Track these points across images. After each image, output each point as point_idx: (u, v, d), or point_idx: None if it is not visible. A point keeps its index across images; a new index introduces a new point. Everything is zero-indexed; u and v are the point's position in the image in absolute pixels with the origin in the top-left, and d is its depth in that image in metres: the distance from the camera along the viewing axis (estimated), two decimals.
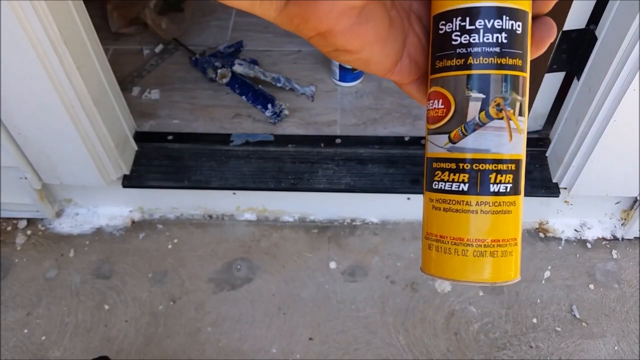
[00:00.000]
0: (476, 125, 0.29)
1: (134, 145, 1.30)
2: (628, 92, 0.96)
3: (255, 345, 1.16)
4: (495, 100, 0.28)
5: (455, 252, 0.29)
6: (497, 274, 0.29)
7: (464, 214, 0.29)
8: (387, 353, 1.15)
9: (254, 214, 1.36)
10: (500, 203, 0.29)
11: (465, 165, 0.29)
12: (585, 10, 1.02)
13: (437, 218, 0.30)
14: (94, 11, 1.49)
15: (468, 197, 0.29)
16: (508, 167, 0.29)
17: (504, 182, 0.29)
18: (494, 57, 0.28)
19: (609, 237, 1.31)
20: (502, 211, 0.29)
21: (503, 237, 0.29)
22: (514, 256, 0.30)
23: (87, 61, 1.07)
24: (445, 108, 0.29)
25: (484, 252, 0.29)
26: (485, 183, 0.29)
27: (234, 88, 1.43)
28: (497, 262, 0.29)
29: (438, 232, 0.30)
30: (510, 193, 0.29)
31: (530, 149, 1.27)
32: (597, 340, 1.16)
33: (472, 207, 0.29)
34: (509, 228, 0.29)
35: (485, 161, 0.29)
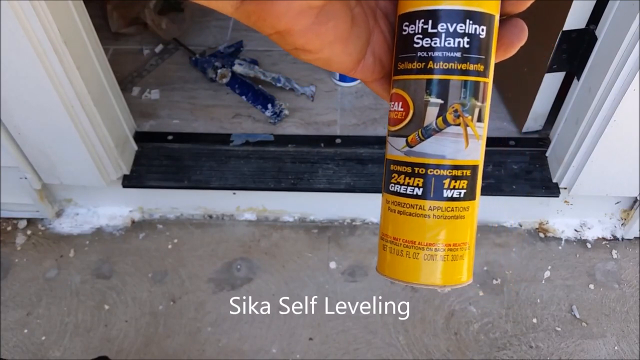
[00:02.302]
0: (433, 130, 0.29)
1: (134, 145, 1.30)
2: (628, 92, 0.96)
3: (255, 345, 1.16)
4: (453, 107, 0.28)
5: (407, 254, 0.30)
6: (447, 278, 0.30)
7: (417, 218, 0.29)
8: (387, 353, 1.15)
9: (254, 214, 1.36)
10: (453, 208, 0.29)
11: (421, 170, 0.29)
12: (585, 10, 1.02)
13: (392, 220, 0.30)
14: (94, 11, 1.49)
15: (422, 202, 0.29)
16: (463, 173, 0.29)
17: (458, 187, 0.29)
18: (455, 62, 0.28)
19: (609, 237, 1.31)
20: (455, 216, 0.29)
21: (455, 242, 0.30)
22: (465, 259, 0.30)
23: (87, 61, 1.07)
24: (404, 111, 0.29)
25: (435, 255, 0.29)
26: (439, 188, 0.29)
27: (234, 88, 1.43)
28: (448, 265, 0.30)
29: (392, 234, 0.30)
30: (465, 199, 0.29)
31: (530, 149, 1.27)
32: (597, 340, 1.16)
33: (425, 212, 0.29)
34: (461, 233, 0.30)
35: (441, 167, 0.29)
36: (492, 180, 1.23)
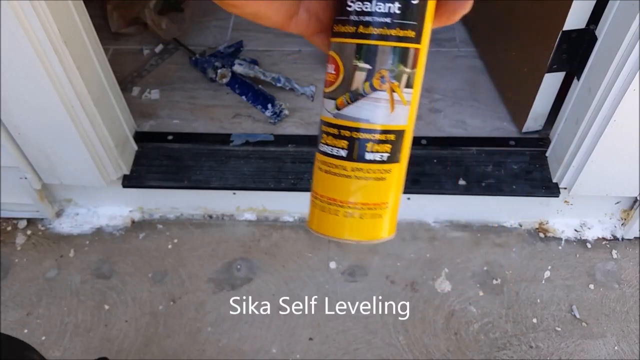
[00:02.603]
0: (360, 95, 0.29)
1: (134, 145, 1.30)
2: (628, 92, 0.96)
3: (255, 345, 1.16)
4: (380, 72, 0.29)
5: (329, 211, 0.31)
6: (366, 234, 0.32)
7: (340, 178, 0.31)
8: (387, 353, 1.15)
9: (254, 214, 1.36)
10: (374, 171, 0.30)
11: (346, 132, 0.30)
12: (585, 10, 1.03)
13: (319, 178, 0.32)
14: (94, 11, 1.49)
15: (345, 163, 0.30)
16: (386, 137, 0.30)
17: (381, 151, 0.30)
18: (384, 27, 0.28)
19: (609, 237, 1.31)
20: (376, 178, 0.31)
21: (374, 202, 0.31)
22: (384, 218, 0.32)
23: (87, 61, 1.07)
24: (336, 74, 0.30)
25: (353, 213, 0.31)
26: (362, 151, 0.30)
27: (234, 88, 1.43)
28: (366, 223, 0.31)
29: (319, 191, 0.32)
30: (387, 162, 0.31)
31: (530, 149, 1.27)
32: (597, 340, 1.16)
33: (348, 172, 0.30)
34: (381, 193, 0.31)
35: (364, 130, 0.30)
36: (492, 180, 1.23)
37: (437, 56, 1.50)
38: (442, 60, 1.49)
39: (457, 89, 1.42)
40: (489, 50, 1.45)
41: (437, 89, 1.43)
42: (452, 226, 1.34)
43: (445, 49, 1.52)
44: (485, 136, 1.31)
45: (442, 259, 1.28)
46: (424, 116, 1.37)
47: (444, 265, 1.27)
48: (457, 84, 1.43)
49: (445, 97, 1.41)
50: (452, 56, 1.50)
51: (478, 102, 1.39)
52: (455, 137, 1.32)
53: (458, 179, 1.24)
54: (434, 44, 1.52)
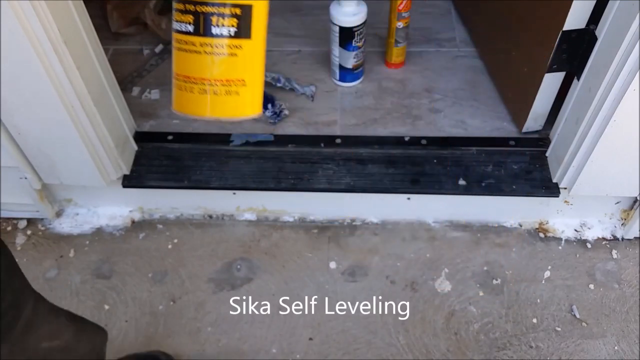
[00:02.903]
0: None
1: (134, 145, 1.30)
2: (628, 92, 0.96)
3: (255, 345, 1.17)
4: None
5: (185, 89, 0.32)
6: (224, 111, 0.32)
7: (190, 54, 0.31)
8: (387, 353, 1.15)
9: (254, 214, 1.36)
10: (223, 45, 0.30)
11: (190, 6, 0.30)
12: (585, 10, 1.02)
13: (175, 57, 0.32)
14: (94, 11, 1.49)
15: (192, 38, 0.30)
16: (232, 11, 0.29)
17: (227, 25, 0.30)
18: None
19: (609, 237, 1.31)
20: (226, 53, 0.30)
21: (227, 78, 0.31)
22: (242, 95, 0.31)
23: (87, 61, 1.07)
24: None
25: (207, 90, 0.31)
26: (207, 25, 0.29)
27: None
28: (222, 100, 0.31)
29: (175, 70, 0.32)
30: (235, 37, 0.30)
31: (530, 149, 1.27)
32: (597, 340, 1.16)
33: (197, 48, 0.30)
34: (235, 69, 0.30)
35: (207, 4, 0.29)
36: (492, 180, 1.23)
37: (437, 56, 1.50)
38: (442, 60, 1.49)
39: (457, 89, 1.42)
40: (489, 51, 1.45)
41: (437, 89, 1.43)
42: (452, 226, 1.34)
43: (445, 49, 1.52)
44: (485, 136, 1.31)
45: (442, 259, 1.28)
46: (423, 116, 1.37)
47: (444, 265, 1.27)
48: (457, 84, 1.43)
49: (445, 97, 1.41)
50: (452, 56, 1.50)
51: (478, 102, 1.39)
52: (455, 137, 1.32)
53: (458, 179, 1.24)
54: (433, 44, 1.53)
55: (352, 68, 1.39)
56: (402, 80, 1.46)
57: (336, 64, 1.40)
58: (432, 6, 1.63)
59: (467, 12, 1.57)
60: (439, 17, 1.60)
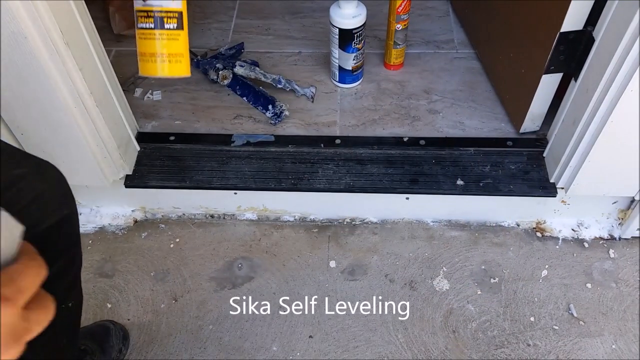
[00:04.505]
0: None
1: (136, 145, 1.31)
2: (625, 93, 0.97)
3: (256, 343, 1.18)
4: None
5: (150, 61, 0.53)
6: (172, 71, 0.53)
7: (152, 40, 0.52)
8: (386, 351, 1.16)
9: (254, 213, 1.38)
10: (171, 34, 0.52)
11: (151, 13, 0.51)
12: (583, 11, 1.03)
13: (141, 44, 0.52)
14: (96, 13, 1.51)
15: (153, 31, 0.52)
16: (174, 15, 0.52)
17: (172, 22, 0.52)
18: None
19: (606, 236, 1.32)
20: (173, 38, 0.52)
21: (174, 52, 0.53)
22: (182, 62, 0.54)
23: (90, 62, 1.08)
24: None
25: (164, 59, 0.53)
26: (161, 22, 0.51)
27: (235, 89, 1.44)
28: (172, 65, 0.53)
29: (141, 50, 0.53)
30: (176, 29, 0.52)
31: (527, 150, 1.29)
32: (594, 338, 1.17)
33: (156, 36, 0.52)
34: (177, 48, 0.53)
35: (161, 12, 0.51)
36: (489, 180, 1.25)
37: (435, 58, 1.51)
38: (440, 62, 1.50)
39: (455, 90, 1.44)
40: (487, 52, 1.46)
41: (435, 90, 1.44)
42: (451, 226, 1.35)
43: (443, 50, 1.53)
44: (483, 137, 1.33)
45: (440, 258, 1.29)
46: (422, 117, 1.38)
47: (442, 264, 1.28)
48: (455, 85, 1.45)
49: (443, 98, 1.42)
50: (450, 58, 1.51)
51: (476, 103, 1.40)
52: (454, 138, 1.33)
53: (456, 179, 1.25)
54: (432, 46, 1.54)
55: (352, 69, 1.41)
56: (401, 81, 1.47)
57: (336, 66, 1.41)
58: (431, 8, 1.65)
59: (465, 14, 1.58)
60: (438, 19, 1.62)
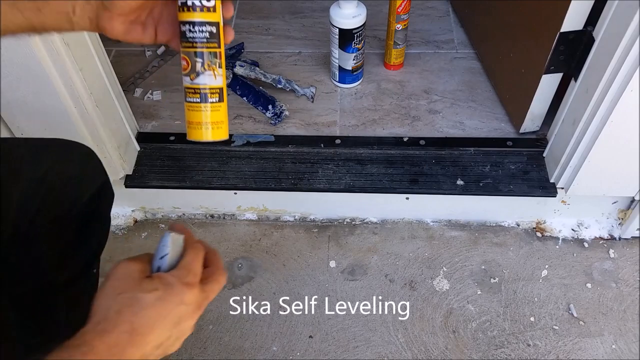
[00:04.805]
0: (200, 73, 0.58)
1: (136, 145, 1.32)
2: (625, 93, 0.97)
3: (256, 343, 1.18)
4: (207, 62, 0.58)
5: (197, 128, 0.60)
6: (215, 135, 0.60)
7: (199, 112, 0.59)
8: (386, 351, 1.16)
9: (254, 213, 1.38)
10: (214, 107, 0.60)
11: (198, 89, 0.58)
12: (583, 11, 1.03)
13: (189, 114, 0.60)
14: None
15: (200, 104, 0.59)
16: (216, 90, 0.59)
17: (214, 97, 0.59)
18: (204, 42, 0.57)
19: (606, 236, 1.32)
20: (215, 109, 0.60)
21: (216, 120, 0.60)
22: (223, 129, 0.61)
23: (90, 62, 1.09)
24: (187, 65, 0.58)
25: (208, 127, 0.60)
26: (206, 97, 0.59)
27: (235, 89, 1.44)
28: (214, 131, 0.60)
29: (189, 119, 0.60)
30: (218, 102, 0.60)
31: (527, 150, 1.29)
32: (594, 338, 1.17)
33: (202, 108, 0.59)
34: (220, 117, 0.60)
35: (205, 89, 0.58)
36: (489, 180, 1.25)
37: (435, 58, 1.51)
38: (440, 62, 1.50)
39: (455, 90, 1.44)
40: (487, 52, 1.46)
41: (435, 90, 1.44)
42: (451, 225, 1.35)
43: (443, 50, 1.53)
44: (483, 137, 1.33)
45: (440, 258, 1.29)
46: (422, 117, 1.38)
47: (442, 264, 1.28)
48: (455, 85, 1.45)
49: (443, 98, 1.42)
50: (450, 58, 1.51)
51: (476, 103, 1.40)
52: (453, 138, 1.33)
53: (456, 179, 1.25)
54: (432, 46, 1.54)
55: (352, 69, 1.41)
56: (401, 81, 1.47)
57: (336, 66, 1.41)
58: (431, 8, 1.65)
59: (465, 14, 1.58)
60: (438, 19, 1.62)
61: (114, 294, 0.47)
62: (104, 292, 0.47)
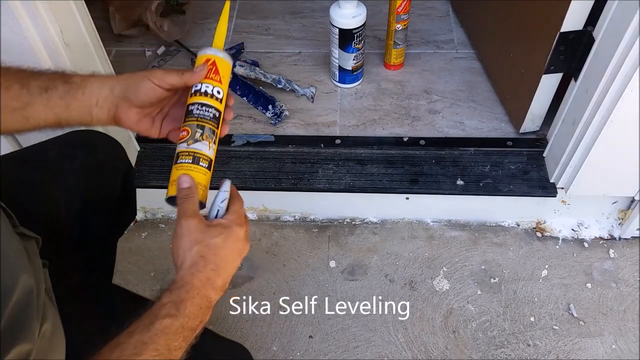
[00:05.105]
0: (197, 140, 0.64)
1: (136, 145, 1.32)
2: (625, 93, 0.97)
3: (256, 343, 1.18)
4: (204, 134, 0.64)
5: None
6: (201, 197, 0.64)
7: (190, 171, 0.63)
8: (386, 351, 1.16)
9: (254, 213, 1.38)
10: (203, 171, 0.64)
11: (192, 153, 0.63)
12: (583, 11, 1.03)
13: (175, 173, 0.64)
14: (97, 13, 1.51)
15: (191, 165, 0.63)
16: (208, 159, 0.64)
17: (204, 162, 0.64)
18: (207, 119, 0.65)
19: (606, 236, 1.32)
20: (204, 173, 0.64)
21: (202, 183, 0.63)
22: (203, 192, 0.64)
23: (90, 63, 1.09)
24: (187, 134, 0.64)
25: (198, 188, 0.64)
26: (198, 161, 0.63)
27: (235, 89, 1.44)
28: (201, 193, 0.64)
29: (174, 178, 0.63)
30: (207, 168, 0.64)
31: (527, 150, 1.29)
32: (594, 338, 1.17)
33: (192, 169, 0.63)
34: (205, 181, 0.64)
35: (199, 153, 0.63)
36: (489, 180, 1.25)
37: (435, 58, 1.51)
38: (440, 62, 1.50)
39: (455, 90, 1.44)
40: (487, 52, 1.46)
41: (435, 90, 1.44)
42: (451, 225, 1.35)
43: (443, 50, 1.53)
44: (483, 137, 1.33)
45: (440, 258, 1.30)
46: (422, 117, 1.38)
47: (442, 264, 1.28)
48: (455, 85, 1.45)
49: (443, 98, 1.42)
50: (451, 58, 1.51)
51: (476, 103, 1.40)
52: (454, 138, 1.33)
53: (456, 179, 1.25)
54: (432, 46, 1.54)
55: (352, 69, 1.41)
56: (401, 81, 1.47)
57: (336, 66, 1.41)
58: (431, 8, 1.65)
59: (465, 14, 1.58)
60: (438, 19, 1.62)
61: (193, 245, 0.60)
62: (182, 246, 0.60)
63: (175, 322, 0.55)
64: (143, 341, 0.52)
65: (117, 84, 0.63)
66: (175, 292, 0.57)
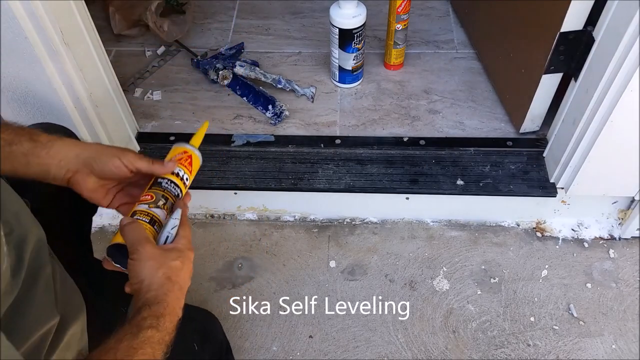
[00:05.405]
0: (158, 206, 0.69)
1: (136, 145, 1.32)
2: (625, 93, 0.97)
3: (256, 343, 1.18)
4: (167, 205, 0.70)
5: None
6: None
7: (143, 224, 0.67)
8: (386, 351, 1.16)
9: (254, 213, 1.38)
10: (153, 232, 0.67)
11: (151, 215, 0.68)
12: (583, 11, 1.03)
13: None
14: (96, 13, 1.51)
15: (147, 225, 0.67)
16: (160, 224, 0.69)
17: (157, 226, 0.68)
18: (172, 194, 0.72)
19: (606, 236, 1.32)
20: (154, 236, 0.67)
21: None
22: None
23: (90, 63, 1.09)
24: (150, 199, 0.69)
25: None
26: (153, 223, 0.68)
27: (235, 89, 1.44)
28: None
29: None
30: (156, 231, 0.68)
31: (527, 150, 1.29)
32: (594, 338, 1.17)
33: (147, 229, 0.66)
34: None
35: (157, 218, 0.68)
36: (489, 180, 1.25)
37: (435, 58, 1.51)
38: (440, 62, 1.50)
39: (455, 90, 1.44)
40: (487, 52, 1.46)
41: (435, 90, 1.44)
42: (451, 225, 1.35)
43: (443, 50, 1.53)
44: (483, 137, 1.33)
45: (440, 258, 1.30)
46: (422, 117, 1.38)
47: (442, 264, 1.28)
48: (455, 85, 1.45)
49: (443, 98, 1.42)
50: (451, 58, 1.51)
51: (476, 103, 1.40)
52: (454, 138, 1.33)
53: (456, 179, 1.25)
54: (432, 46, 1.54)
55: (352, 69, 1.41)
56: (401, 81, 1.47)
57: (336, 66, 1.41)
58: (431, 8, 1.65)
59: (465, 14, 1.58)
60: (438, 19, 1.62)
61: (157, 267, 0.63)
62: (146, 268, 0.63)
63: (156, 334, 0.59)
64: (132, 346, 0.56)
65: (84, 151, 0.67)
66: (154, 307, 0.60)
